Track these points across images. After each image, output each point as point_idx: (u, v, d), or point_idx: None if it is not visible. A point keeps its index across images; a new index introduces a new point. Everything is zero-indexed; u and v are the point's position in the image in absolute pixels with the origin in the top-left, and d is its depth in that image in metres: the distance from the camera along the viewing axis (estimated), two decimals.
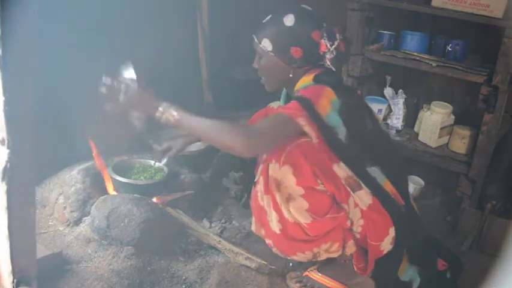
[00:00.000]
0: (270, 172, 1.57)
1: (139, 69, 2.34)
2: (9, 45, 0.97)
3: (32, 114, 1.06)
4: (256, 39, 1.68)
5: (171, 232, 1.95)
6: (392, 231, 1.62)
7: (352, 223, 1.61)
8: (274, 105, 1.94)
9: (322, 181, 1.54)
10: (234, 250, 1.90)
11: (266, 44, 1.65)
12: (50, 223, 2.02)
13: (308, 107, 1.51)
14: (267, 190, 1.60)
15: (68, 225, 1.99)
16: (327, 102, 1.54)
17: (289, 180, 1.53)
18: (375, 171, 1.62)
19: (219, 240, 1.95)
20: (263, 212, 1.64)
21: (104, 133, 2.13)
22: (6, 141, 0.98)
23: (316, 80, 1.62)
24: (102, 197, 1.97)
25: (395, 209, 1.63)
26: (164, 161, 2.01)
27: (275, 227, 1.62)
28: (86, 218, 1.98)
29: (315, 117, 1.51)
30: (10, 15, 0.96)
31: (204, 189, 2.24)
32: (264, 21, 1.69)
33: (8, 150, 0.99)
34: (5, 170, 0.99)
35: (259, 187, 1.64)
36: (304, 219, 1.56)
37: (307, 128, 1.50)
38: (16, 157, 1.01)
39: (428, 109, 2.49)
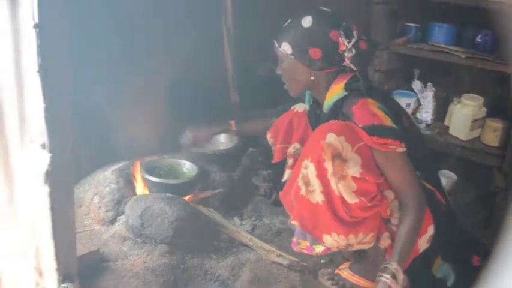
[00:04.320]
0: (331, 140, 1.51)
1: (167, 71, 2.38)
2: (47, 54, 1.02)
3: (69, 119, 1.10)
4: (276, 44, 1.69)
5: (203, 230, 1.98)
6: (431, 230, 1.60)
7: (392, 213, 1.58)
8: (298, 107, 1.93)
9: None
10: (265, 247, 1.92)
11: (286, 48, 1.66)
12: (86, 222, 2.08)
13: (389, 130, 1.52)
14: (314, 158, 1.54)
15: (104, 224, 2.04)
16: (381, 113, 1.54)
17: (355, 169, 1.50)
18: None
19: (251, 238, 1.97)
20: (305, 201, 1.59)
21: (137, 133, 2.18)
22: (47, 146, 1.03)
23: (347, 88, 1.62)
24: (135, 197, 2.02)
25: (437, 207, 1.61)
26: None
27: (318, 197, 1.55)
28: (120, 217, 2.03)
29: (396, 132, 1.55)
30: (47, 24, 1.01)
31: (234, 188, 2.27)
32: (284, 25, 1.69)
33: (49, 154, 1.03)
34: (47, 173, 1.04)
35: (300, 180, 1.59)
36: (349, 199, 1.52)
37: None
38: (56, 160, 1.05)
39: (459, 102, 2.44)
